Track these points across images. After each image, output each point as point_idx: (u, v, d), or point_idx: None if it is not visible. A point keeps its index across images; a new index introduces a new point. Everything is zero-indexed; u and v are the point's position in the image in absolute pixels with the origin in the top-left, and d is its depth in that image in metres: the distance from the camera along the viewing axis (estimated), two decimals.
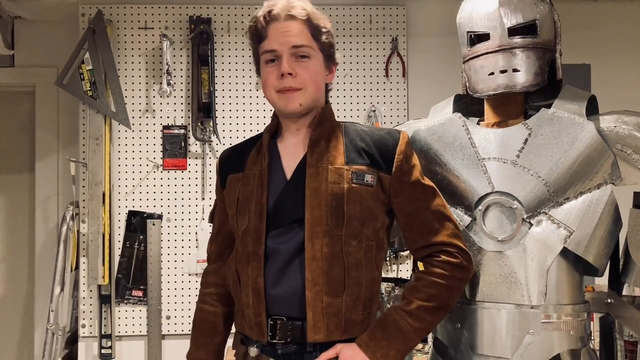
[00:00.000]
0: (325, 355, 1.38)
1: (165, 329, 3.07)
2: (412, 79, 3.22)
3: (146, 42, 3.12)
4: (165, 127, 3.11)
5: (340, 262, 1.38)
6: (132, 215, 3.09)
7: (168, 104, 3.12)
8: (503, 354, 1.51)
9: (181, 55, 3.12)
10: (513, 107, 1.64)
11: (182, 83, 3.12)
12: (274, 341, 1.40)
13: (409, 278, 2.77)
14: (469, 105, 1.74)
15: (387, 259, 3.10)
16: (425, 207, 1.46)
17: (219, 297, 1.59)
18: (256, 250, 1.42)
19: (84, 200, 3.05)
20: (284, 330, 1.39)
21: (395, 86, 3.19)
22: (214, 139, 3.09)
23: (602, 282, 1.79)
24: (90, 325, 3.05)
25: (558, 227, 1.50)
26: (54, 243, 3.16)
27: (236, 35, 3.15)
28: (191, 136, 3.09)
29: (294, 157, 1.48)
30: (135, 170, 3.10)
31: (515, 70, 1.56)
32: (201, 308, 1.61)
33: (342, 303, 1.38)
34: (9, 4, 3.05)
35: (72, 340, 3.11)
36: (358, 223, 1.41)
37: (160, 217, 3.09)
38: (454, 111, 1.68)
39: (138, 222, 3.08)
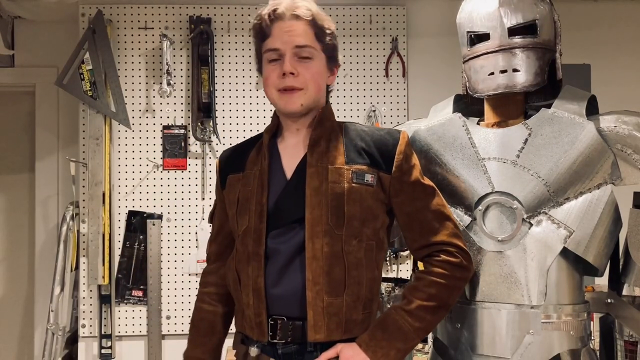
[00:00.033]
0: (325, 355, 1.38)
1: (165, 329, 3.07)
2: (412, 79, 3.22)
3: (146, 42, 3.12)
4: (165, 127, 3.11)
5: (341, 262, 1.38)
6: (132, 215, 3.08)
7: (168, 104, 3.12)
8: (503, 354, 1.51)
9: (181, 55, 3.12)
10: (513, 107, 1.64)
11: (182, 83, 3.12)
12: (274, 341, 1.40)
13: (409, 278, 2.77)
14: (469, 105, 1.74)
15: (387, 259, 3.10)
16: (425, 207, 1.46)
17: (218, 297, 1.59)
18: (256, 250, 1.42)
19: (84, 200, 3.05)
20: (285, 330, 1.39)
21: (395, 86, 3.19)
22: (214, 139, 3.09)
23: (602, 282, 1.79)
24: (90, 325, 3.05)
25: (558, 227, 1.50)
26: (54, 243, 3.16)
27: (236, 35, 3.15)
28: (191, 136, 3.09)
29: (294, 157, 1.48)
30: (135, 170, 3.10)
31: (515, 70, 1.56)
32: (199, 307, 1.62)
33: (342, 303, 1.38)
34: (9, 4, 3.05)
35: (72, 340, 3.11)
36: (358, 223, 1.41)
37: (160, 217, 3.09)
38: (454, 111, 1.68)
39: (138, 222, 3.08)
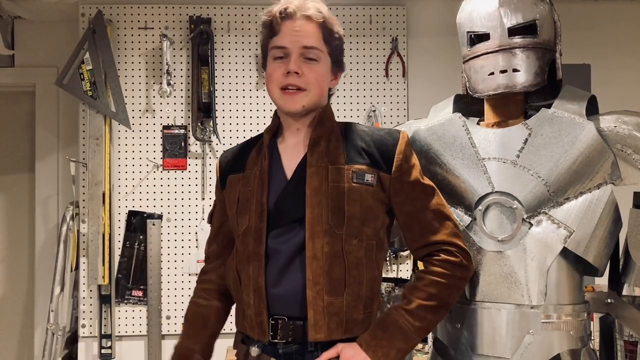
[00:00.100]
0: (326, 355, 1.38)
1: (165, 329, 3.08)
2: (412, 79, 3.22)
3: (146, 42, 3.12)
4: (165, 127, 3.11)
5: (341, 261, 1.38)
6: (132, 215, 3.09)
7: (168, 104, 3.12)
8: (503, 354, 1.51)
9: (181, 55, 3.12)
10: (513, 107, 1.63)
11: (182, 83, 3.13)
12: (275, 341, 1.40)
13: (409, 278, 2.77)
14: (469, 105, 1.74)
15: (387, 259, 3.10)
16: (424, 207, 1.46)
17: (214, 293, 1.59)
18: (257, 249, 1.42)
19: (84, 200, 3.05)
20: (285, 330, 1.39)
21: (395, 86, 3.19)
22: (214, 139, 3.09)
23: (602, 282, 1.79)
24: (90, 325, 3.05)
25: (558, 227, 1.50)
26: (54, 243, 3.16)
27: (236, 35, 3.15)
28: (191, 136, 3.09)
29: (294, 157, 1.47)
30: (135, 170, 3.10)
31: (515, 70, 1.56)
32: (194, 302, 1.61)
33: (343, 302, 1.38)
34: (9, 4, 3.05)
35: (72, 340, 3.11)
36: (358, 222, 1.41)
37: (160, 217, 3.09)
38: (454, 111, 1.68)
39: (138, 222, 3.08)
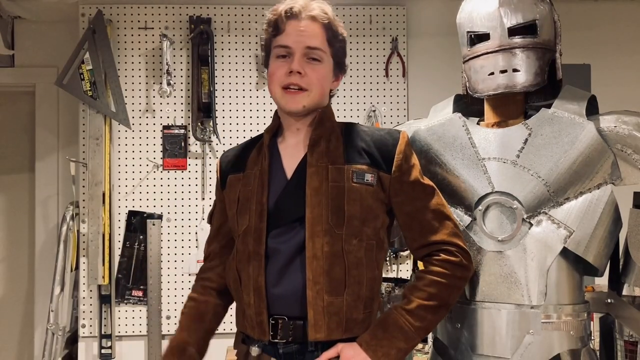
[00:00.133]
0: (326, 355, 1.38)
1: (165, 329, 3.07)
2: (412, 79, 3.22)
3: (146, 42, 3.12)
4: (165, 127, 3.11)
5: (341, 261, 1.38)
6: (132, 215, 3.09)
7: (168, 104, 3.12)
8: (503, 354, 1.51)
9: (181, 55, 3.12)
10: (513, 107, 1.63)
11: (182, 83, 3.13)
12: (275, 340, 1.40)
13: (409, 278, 2.77)
14: (469, 105, 1.74)
15: (387, 259, 3.10)
16: (424, 207, 1.46)
17: (212, 291, 1.59)
18: (257, 249, 1.42)
19: (84, 200, 3.05)
20: (286, 330, 1.39)
21: (395, 86, 3.19)
22: (214, 139, 3.09)
23: (602, 282, 1.79)
24: (90, 325, 3.05)
25: (558, 227, 1.50)
26: (54, 243, 3.16)
27: (236, 35, 3.15)
28: (191, 136, 3.09)
29: (294, 157, 1.48)
30: (135, 170, 3.10)
31: (515, 70, 1.56)
32: (192, 297, 1.61)
33: (343, 302, 1.38)
34: (9, 4, 3.05)
35: (72, 340, 3.11)
36: (358, 222, 1.41)
37: (160, 217, 3.09)
38: (454, 111, 1.68)
39: (138, 222, 3.08)
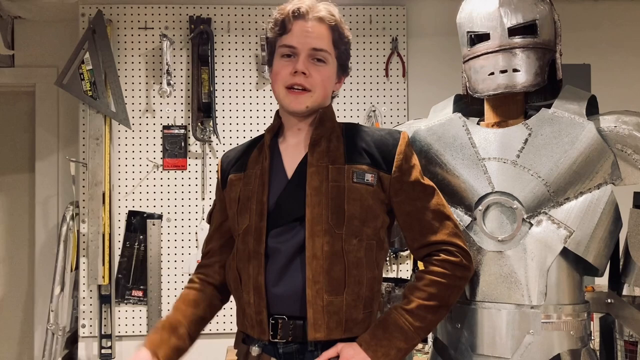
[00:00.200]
0: (326, 355, 1.38)
1: None
2: (412, 79, 3.22)
3: (146, 42, 3.12)
4: (165, 127, 3.11)
5: (341, 261, 1.38)
6: (132, 215, 3.09)
7: (168, 104, 3.12)
8: (503, 354, 1.51)
9: (181, 55, 3.13)
10: (513, 107, 1.63)
11: (182, 83, 3.13)
12: (275, 340, 1.40)
13: (409, 278, 2.77)
14: (469, 105, 1.74)
15: (387, 259, 3.10)
16: (425, 207, 1.46)
17: (209, 285, 1.58)
18: (257, 248, 1.42)
19: (84, 200, 3.05)
20: (285, 330, 1.39)
21: (395, 86, 3.19)
22: (214, 139, 3.09)
23: (602, 282, 1.79)
24: (90, 325, 3.05)
25: (558, 227, 1.50)
26: (54, 243, 3.16)
27: (236, 35, 3.15)
28: (191, 136, 3.09)
29: (295, 156, 1.48)
30: (135, 170, 3.10)
31: (515, 70, 1.56)
32: (188, 287, 1.61)
33: (342, 302, 1.38)
34: (9, 4, 3.05)
35: (72, 340, 3.11)
36: (358, 222, 1.41)
37: (160, 217, 3.09)
38: (454, 111, 1.68)
39: (138, 222, 3.08)
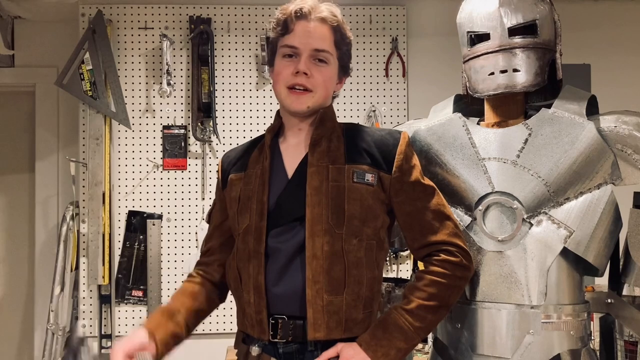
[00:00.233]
0: (326, 355, 1.38)
1: None
2: (412, 79, 3.22)
3: (146, 42, 3.12)
4: (165, 127, 3.11)
5: (341, 261, 1.38)
6: (132, 215, 3.08)
7: (168, 104, 3.12)
8: (503, 354, 1.51)
9: (181, 55, 3.13)
10: (513, 107, 1.63)
11: (182, 83, 3.13)
12: (275, 340, 1.40)
13: (409, 278, 2.77)
14: (469, 105, 1.74)
15: (387, 259, 3.10)
16: (425, 207, 1.46)
17: (207, 281, 1.58)
18: (257, 248, 1.42)
19: (84, 200, 3.05)
20: (285, 330, 1.39)
21: (395, 86, 3.19)
22: (214, 139, 3.09)
23: (602, 282, 1.79)
24: (90, 325, 3.05)
25: (558, 227, 1.50)
26: (54, 243, 3.16)
27: (236, 36, 3.15)
28: (191, 136, 3.09)
29: (295, 156, 1.48)
30: (135, 170, 3.10)
31: (515, 70, 1.56)
32: (187, 281, 1.60)
33: (342, 301, 1.38)
34: (9, 4, 3.05)
35: None
36: (359, 222, 1.41)
37: (160, 217, 3.09)
38: (454, 111, 1.68)
39: (138, 222, 3.08)
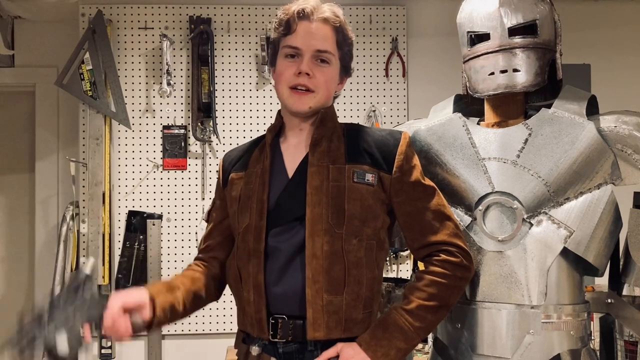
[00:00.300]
0: (326, 354, 1.38)
1: (165, 329, 3.07)
2: (412, 79, 3.22)
3: (146, 42, 3.12)
4: (165, 127, 3.12)
5: (341, 261, 1.38)
6: (132, 215, 3.08)
7: (168, 104, 3.12)
8: (503, 354, 1.51)
9: (181, 55, 3.13)
10: (513, 107, 1.63)
11: (182, 83, 3.13)
12: (275, 340, 1.40)
13: (409, 278, 2.77)
14: (469, 105, 1.74)
15: (387, 259, 3.10)
16: (425, 207, 1.46)
17: (203, 274, 1.58)
18: (257, 247, 1.42)
19: (84, 200, 3.05)
20: (285, 329, 1.39)
21: (395, 86, 3.19)
22: (214, 139, 3.09)
23: (602, 282, 1.79)
24: None
25: (558, 227, 1.50)
26: (54, 243, 3.16)
27: (236, 36, 3.15)
28: (191, 136, 3.09)
29: (296, 156, 1.48)
30: (135, 170, 3.10)
31: (515, 70, 1.56)
32: (186, 269, 1.60)
33: (342, 301, 1.38)
34: (9, 4, 3.05)
35: None
36: (359, 222, 1.41)
37: (160, 217, 3.09)
38: (454, 111, 1.68)
39: (138, 222, 3.08)
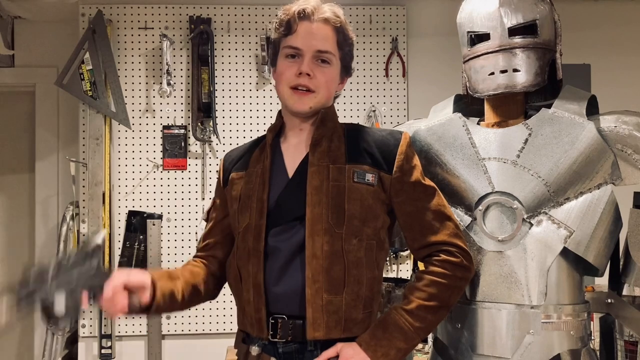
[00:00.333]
0: (325, 354, 1.38)
1: (165, 329, 3.07)
2: (412, 79, 3.22)
3: (146, 42, 3.12)
4: (165, 127, 3.12)
5: (341, 260, 1.38)
6: (132, 215, 3.08)
7: (168, 104, 3.12)
8: (503, 354, 1.51)
9: (181, 55, 3.13)
10: (513, 107, 1.64)
11: (182, 83, 3.13)
12: (275, 340, 1.40)
13: (409, 278, 2.77)
14: (469, 105, 1.74)
15: (387, 259, 3.10)
16: (425, 207, 1.46)
17: (206, 265, 1.58)
18: (256, 246, 1.42)
19: (84, 200, 3.05)
20: (285, 329, 1.39)
21: (395, 86, 3.19)
22: (214, 139, 3.09)
23: (602, 282, 1.79)
24: (90, 325, 3.05)
25: (558, 227, 1.50)
26: (54, 243, 3.16)
27: (236, 36, 3.15)
28: (191, 136, 3.09)
29: (296, 156, 1.48)
30: (135, 170, 3.10)
31: (515, 70, 1.56)
32: (186, 263, 1.60)
33: (342, 301, 1.38)
34: (9, 4, 3.05)
35: (72, 340, 3.11)
36: (359, 222, 1.41)
37: (160, 217, 3.09)
38: (454, 111, 1.68)
39: (138, 222, 3.08)
